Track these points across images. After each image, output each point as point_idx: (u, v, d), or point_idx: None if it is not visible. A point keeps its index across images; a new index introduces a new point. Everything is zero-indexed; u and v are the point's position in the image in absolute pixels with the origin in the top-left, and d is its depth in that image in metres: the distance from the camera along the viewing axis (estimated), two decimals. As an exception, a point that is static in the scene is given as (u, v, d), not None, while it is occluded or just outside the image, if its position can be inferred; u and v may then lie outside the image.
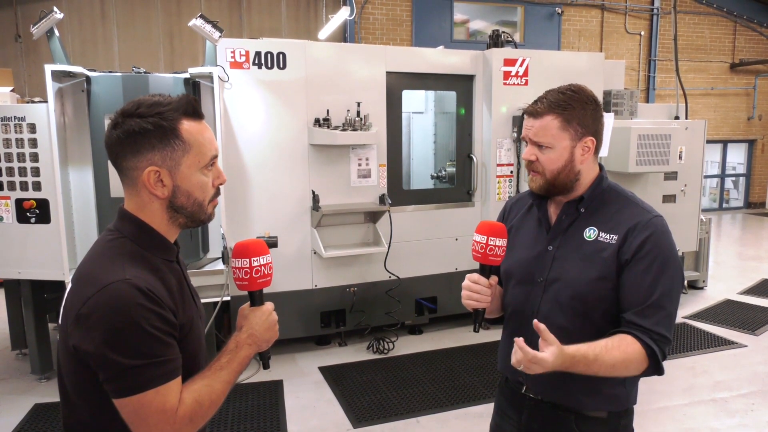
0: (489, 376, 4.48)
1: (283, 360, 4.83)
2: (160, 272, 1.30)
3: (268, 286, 1.47)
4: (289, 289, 4.81)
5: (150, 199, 1.32)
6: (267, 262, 1.45)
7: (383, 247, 4.91)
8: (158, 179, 1.30)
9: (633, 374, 1.59)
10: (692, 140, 6.10)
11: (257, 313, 1.44)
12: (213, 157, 1.36)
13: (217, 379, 1.32)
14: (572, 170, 1.66)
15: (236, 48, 4.49)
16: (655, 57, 12.32)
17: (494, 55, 5.22)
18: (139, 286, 1.20)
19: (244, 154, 4.61)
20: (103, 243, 1.33)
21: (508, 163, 5.36)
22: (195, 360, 1.36)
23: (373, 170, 5.00)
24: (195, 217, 1.36)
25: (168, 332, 1.23)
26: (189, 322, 1.33)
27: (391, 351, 4.99)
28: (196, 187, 1.33)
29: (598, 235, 1.65)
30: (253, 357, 1.43)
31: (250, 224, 4.64)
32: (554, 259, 1.70)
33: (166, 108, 1.29)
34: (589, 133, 1.66)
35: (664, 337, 1.56)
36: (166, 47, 9.32)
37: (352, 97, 4.77)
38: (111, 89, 4.01)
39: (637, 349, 1.54)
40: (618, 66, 6.28)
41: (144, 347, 1.19)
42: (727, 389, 4.31)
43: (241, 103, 4.55)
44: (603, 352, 1.51)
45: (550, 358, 1.44)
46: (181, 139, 1.30)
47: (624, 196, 1.71)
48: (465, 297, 1.69)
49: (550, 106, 1.63)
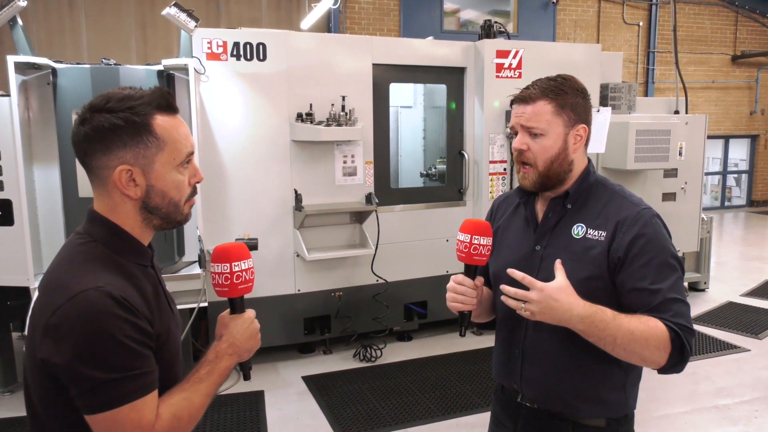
0: (482, 385, 4.50)
1: (265, 369, 4.82)
2: (134, 278, 1.30)
3: (249, 292, 1.46)
4: (271, 294, 4.79)
5: (122, 199, 1.31)
6: (248, 267, 1.45)
7: (370, 249, 4.91)
8: (130, 178, 1.28)
9: (651, 359, 1.51)
10: (693, 136, 6.18)
11: (238, 321, 1.44)
12: (189, 154, 1.35)
13: (196, 392, 1.31)
14: (566, 159, 1.68)
15: (213, 38, 4.47)
16: (654, 49, 12.45)
17: (486, 47, 5.24)
18: (112, 294, 1.19)
19: (221, 151, 4.58)
20: (71, 248, 1.31)
21: (501, 160, 5.39)
22: (172, 371, 1.36)
23: (359, 168, 5.00)
24: (170, 218, 1.36)
25: (144, 343, 1.23)
26: (165, 332, 1.33)
27: (378, 359, 4.99)
28: (171, 187, 1.32)
29: (587, 232, 1.66)
30: (234, 367, 1.43)
31: (228, 225, 4.62)
32: (542, 259, 1.71)
33: (138, 102, 1.28)
34: (582, 121, 1.68)
35: (687, 328, 1.52)
36: (139, 37, 9.24)
37: (336, 91, 4.77)
38: (79, 82, 3.97)
39: (661, 328, 1.50)
40: (615, 58, 6.34)
41: (118, 359, 1.18)
42: (730, 396, 4.37)
43: (218, 97, 4.52)
44: (621, 316, 1.50)
45: (553, 286, 1.48)
46: (155, 135, 1.29)
47: (611, 190, 1.72)
48: (450, 299, 1.70)
49: (543, 91, 1.65)
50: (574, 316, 1.48)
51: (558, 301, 1.48)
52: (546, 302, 1.48)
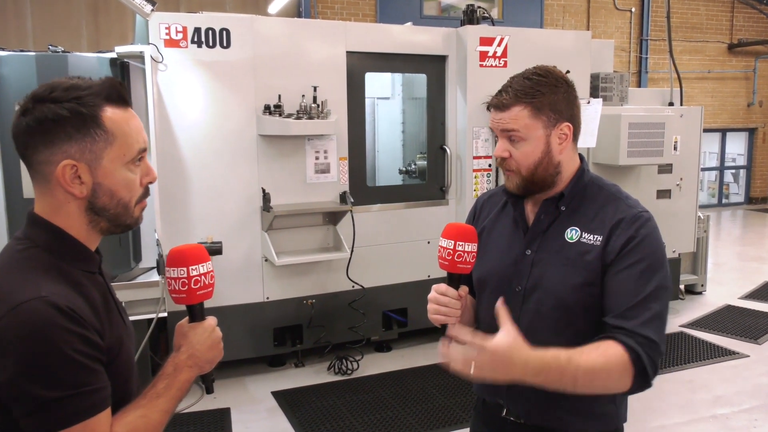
0: (467, 398, 4.52)
1: (231, 385, 4.78)
2: (81, 286, 1.28)
3: (209, 298, 1.46)
4: (237, 303, 4.76)
5: (66, 199, 1.29)
6: (208, 270, 1.44)
7: (345, 253, 4.90)
8: (75, 175, 1.27)
9: (616, 388, 1.54)
10: (688, 129, 6.28)
11: (198, 329, 1.43)
12: (141, 151, 1.34)
13: (153, 409, 1.30)
14: (551, 162, 1.68)
15: (172, 23, 4.43)
16: (647, 36, 12.64)
17: (469, 33, 5.27)
18: (57, 305, 1.18)
19: (182, 146, 4.54)
20: (11, 254, 1.29)
21: (486, 155, 5.42)
22: (126, 387, 1.34)
23: (332, 164, 4.99)
24: (119, 220, 1.35)
25: (94, 356, 1.22)
26: (117, 343, 1.31)
27: (355, 371, 4.99)
28: (120, 185, 1.31)
29: (581, 236, 1.67)
30: (195, 381, 1.42)
31: (189, 228, 4.58)
32: (533, 264, 1.72)
33: (86, 92, 1.27)
34: (564, 118, 1.68)
35: (650, 341, 1.52)
36: (90, 23, 9.11)
37: (307, 81, 4.75)
38: (23, 71, 3.93)
39: (618, 353, 1.50)
40: (606, 46, 6.42)
41: (67, 375, 1.16)
42: (729, 404, 4.45)
43: (178, 88, 4.49)
44: (577, 354, 1.48)
45: (503, 344, 1.41)
46: (103, 128, 1.27)
47: (607, 191, 1.73)
48: (432, 311, 1.68)
49: (517, 96, 1.64)
50: (529, 372, 1.45)
51: (512, 360, 1.43)
52: (499, 363, 1.44)
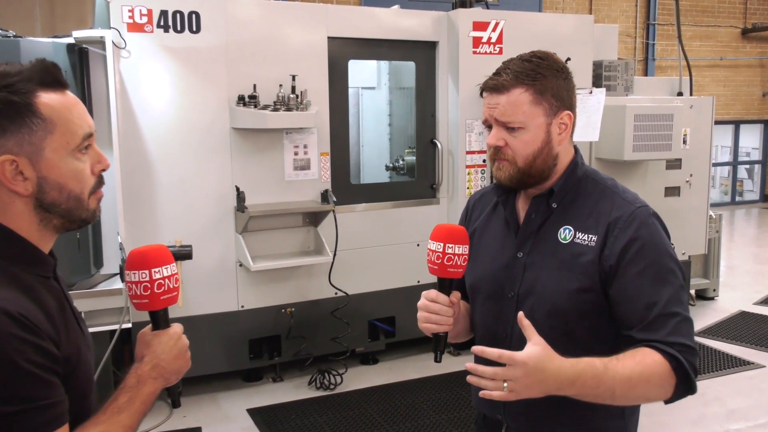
0: (460, 413, 4.54)
1: (202, 401, 4.77)
2: (34, 292, 1.28)
3: (174, 303, 1.46)
4: (208, 312, 4.75)
5: (10, 198, 1.29)
6: (171, 273, 1.45)
7: (327, 257, 4.90)
8: (17, 171, 1.27)
9: (657, 396, 1.54)
10: (698, 121, 6.33)
11: (162, 338, 1.44)
12: (87, 136, 1.34)
13: (114, 425, 1.30)
14: (550, 153, 1.69)
15: (135, 6, 4.41)
16: (654, 21, 12.74)
17: (461, 18, 5.29)
18: (8, 311, 1.18)
19: (147, 141, 4.52)
20: None
21: (479, 150, 5.45)
22: (84, 401, 1.34)
23: (313, 160, 4.99)
24: (73, 215, 1.35)
25: (49, 368, 1.21)
26: (75, 354, 1.31)
27: (338, 386, 4.99)
28: (68, 177, 1.31)
29: (575, 236, 1.68)
30: (160, 394, 1.42)
31: (156, 230, 4.56)
32: (525, 268, 1.72)
33: (16, 78, 1.26)
34: (566, 106, 1.69)
35: (687, 347, 1.53)
36: (45, 5, 9.05)
37: (285, 69, 4.75)
38: (-30, 58, 3.89)
39: (657, 359, 1.51)
40: (610, 31, 6.46)
41: (20, 389, 1.16)
42: (743, 419, 4.49)
43: (142, 76, 4.46)
44: (613, 362, 1.48)
45: (535, 355, 1.40)
46: (40, 116, 1.27)
47: (602, 185, 1.74)
48: (422, 319, 1.68)
49: (517, 77, 1.64)
50: (564, 382, 1.45)
51: (545, 372, 1.42)
52: (534, 377, 1.41)
